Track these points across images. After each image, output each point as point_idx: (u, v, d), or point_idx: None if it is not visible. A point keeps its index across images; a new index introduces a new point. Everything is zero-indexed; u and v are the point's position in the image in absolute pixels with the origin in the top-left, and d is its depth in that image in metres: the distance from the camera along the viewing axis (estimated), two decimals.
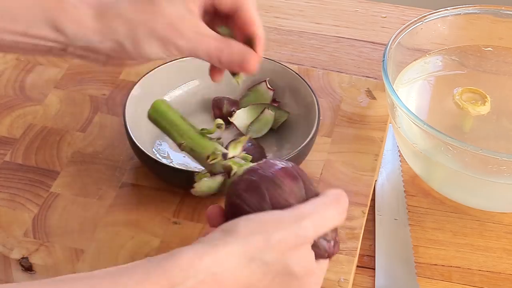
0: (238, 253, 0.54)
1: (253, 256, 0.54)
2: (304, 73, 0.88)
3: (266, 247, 0.54)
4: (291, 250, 0.55)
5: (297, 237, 0.55)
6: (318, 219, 0.56)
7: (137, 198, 0.75)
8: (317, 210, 0.56)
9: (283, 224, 0.55)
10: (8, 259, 0.70)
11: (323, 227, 0.56)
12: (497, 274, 0.74)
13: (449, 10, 0.86)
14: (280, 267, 0.55)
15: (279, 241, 0.54)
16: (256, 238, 0.54)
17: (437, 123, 0.76)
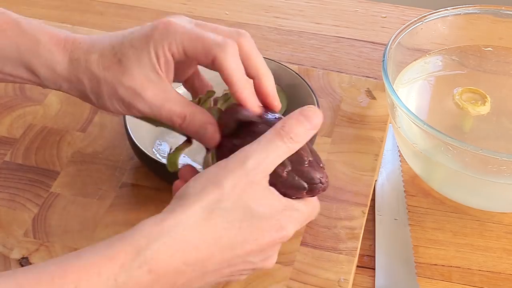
0: (195, 210, 0.55)
1: (211, 208, 0.55)
2: (304, 73, 0.88)
3: (221, 195, 0.55)
4: (246, 192, 0.56)
5: (247, 177, 0.56)
6: (263, 154, 0.57)
7: (137, 198, 0.75)
8: (261, 146, 0.57)
9: (230, 170, 0.56)
10: (8, 259, 0.70)
11: (271, 160, 0.57)
12: (497, 274, 0.74)
13: (449, 10, 0.86)
14: (242, 211, 0.56)
15: (231, 186, 0.55)
16: (208, 190, 0.55)
17: (437, 123, 0.76)
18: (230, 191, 0.55)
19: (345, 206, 0.75)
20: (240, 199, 0.56)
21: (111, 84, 0.63)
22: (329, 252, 0.71)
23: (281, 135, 0.58)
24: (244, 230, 0.56)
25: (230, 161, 0.57)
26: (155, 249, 0.53)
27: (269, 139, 0.58)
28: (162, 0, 1.05)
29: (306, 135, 0.59)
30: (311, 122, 0.59)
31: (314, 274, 0.69)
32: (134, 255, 0.53)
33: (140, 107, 0.62)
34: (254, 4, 1.04)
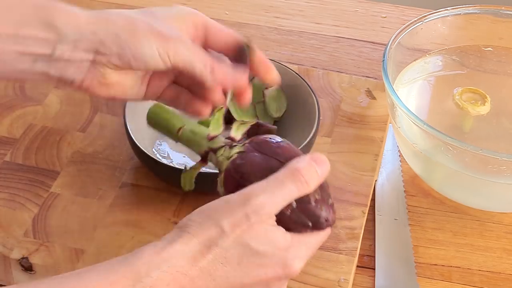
0: (193, 244, 0.55)
1: (209, 244, 0.55)
2: (304, 73, 0.88)
3: (220, 233, 0.55)
4: (246, 232, 0.55)
5: (247, 216, 0.55)
6: (268, 195, 0.56)
7: (137, 198, 0.75)
8: (267, 187, 0.56)
9: (231, 207, 0.56)
10: (8, 259, 0.70)
11: (278, 202, 0.56)
12: (497, 274, 0.74)
13: (449, 10, 0.86)
14: (241, 250, 0.56)
15: (231, 225, 0.55)
16: (207, 226, 0.55)
17: (437, 123, 0.76)
18: (229, 229, 0.55)
19: (345, 206, 0.75)
20: (239, 238, 0.55)
21: (148, 21, 0.61)
22: (329, 252, 0.71)
23: (295, 178, 0.57)
24: (243, 266, 0.56)
25: (234, 198, 0.57)
26: (154, 277, 0.53)
27: (278, 178, 0.57)
28: (162, 0, 1.05)
29: (316, 180, 0.58)
30: (321, 168, 0.59)
31: (314, 274, 0.69)
32: (134, 282, 0.53)
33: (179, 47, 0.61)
34: (254, 4, 1.04)
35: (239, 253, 0.56)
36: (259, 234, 0.56)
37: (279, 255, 0.57)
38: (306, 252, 0.58)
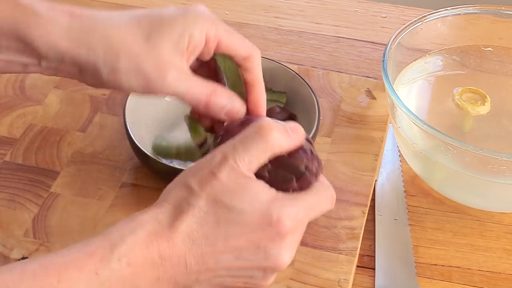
0: (166, 208, 0.54)
1: (181, 206, 0.54)
2: (304, 73, 0.88)
3: (189, 193, 0.54)
4: (217, 187, 0.53)
5: (213, 172, 0.54)
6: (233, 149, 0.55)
7: (137, 198, 0.75)
8: (233, 143, 0.55)
9: (198, 167, 0.55)
10: (8, 259, 0.70)
11: (244, 155, 0.54)
12: (497, 274, 0.74)
13: (449, 10, 0.86)
14: (215, 207, 0.53)
15: (199, 182, 0.54)
16: (177, 189, 0.55)
17: (437, 123, 0.76)
18: (198, 189, 0.54)
19: (345, 206, 0.75)
20: (210, 195, 0.53)
21: (134, 58, 0.59)
22: (329, 252, 0.71)
23: (260, 132, 0.55)
24: (222, 225, 0.53)
25: (202, 159, 0.56)
26: (129, 242, 0.52)
27: (247, 134, 0.56)
28: (162, 0, 1.05)
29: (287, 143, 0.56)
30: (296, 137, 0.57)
31: (314, 274, 0.69)
32: (111, 249, 0.52)
33: (165, 83, 0.59)
34: (254, 4, 1.04)
35: (214, 211, 0.53)
36: (232, 188, 0.53)
37: (261, 210, 0.54)
38: (298, 211, 0.55)
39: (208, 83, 0.62)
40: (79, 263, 0.52)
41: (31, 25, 0.59)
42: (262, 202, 0.54)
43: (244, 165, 0.54)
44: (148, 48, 0.59)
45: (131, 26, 0.60)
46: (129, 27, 0.60)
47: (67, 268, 0.52)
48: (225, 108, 0.62)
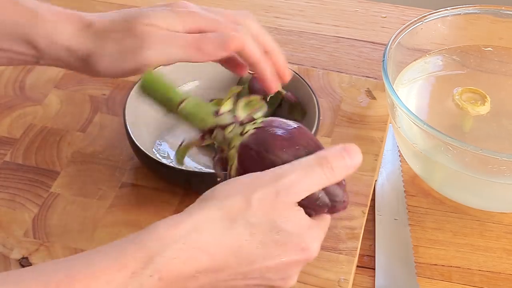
0: (216, 216, 0.52)
1: (234, 218, 0.52)
2: (304, 73, 0.88)
3: (247, 208, 0.53)
4: (274, 208, 0.53)
5: (277, 193, 0.54)
6: (300, 177, 0.55)
7: (137, 198, 0.75)
8: (300, 169, 0.55)
9: (261, 184, 0.54)
10: (8, 259, 0.70)
11: (306, 185, 0.55)
12: (497, 274, 0.74)
13: (449, 10, 0.86)
14: (267, 226, 0.53)
15: (260, 201, 0.53)
16: (234, 199, 0.53)
17: (437, 123, 0.76)
18: (257, 205, 0.53)
19: None
20: (266, 214, 0.53)
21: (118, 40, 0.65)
22: (329, 252, 0.71)
23: (322, 164, 0.56)
24: (267, 245, 0.54)
25: (264, 174, 0.55)
26: (168, 256, 0.50)
27: (309, 164, 0.56)
28: (162, 1, 1.05)
29: (345, 170, 0.57)
30: (352, 160, 0.57)
31: (314, 274, 0.69)
32: (145, 263, 0.50)
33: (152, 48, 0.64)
34: (254, 4, 1.04)
35: (264, 229, 0.53)
36: (286, 212, 0.54)
37: (301, 236, 0.55)
38: (320, 234, 0.57)
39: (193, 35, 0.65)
40: (109, 276, 0.49)
41: (33, 25, 0.65)
42: (303, 228, 0.55)
43: (302, 195, 0.55)
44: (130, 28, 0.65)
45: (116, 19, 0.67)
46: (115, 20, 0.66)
47: (96, 280, 0.49)
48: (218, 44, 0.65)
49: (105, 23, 0.66)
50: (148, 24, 0.64)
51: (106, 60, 0.65)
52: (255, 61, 0.66)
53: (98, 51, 0.65)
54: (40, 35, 0.65)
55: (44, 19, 0.65)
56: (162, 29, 0.64)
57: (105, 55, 0.65)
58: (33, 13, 0.65)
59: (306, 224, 0.56)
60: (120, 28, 0.65)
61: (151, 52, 0.63)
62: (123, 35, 0.64)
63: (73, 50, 0.66)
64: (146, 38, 0.64)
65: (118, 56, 0.64)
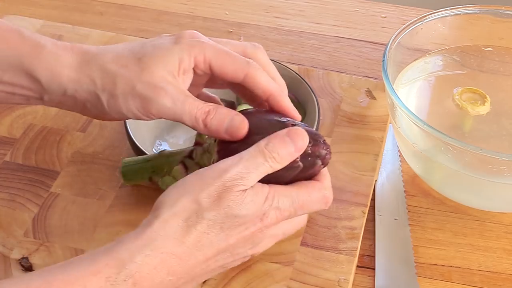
0: (172, 221, 0.55)
1: (189, 217, 0.55)
2: (304, 73, 0.88)
3: (198, 207, 0.55)
4: (225, 200, 0.56)
5: (224, 190, 0.56)
6: (244, 169, 0.57)
7: (137, 198, 0.75)
8: (243, 162, 0.57)
9: (207, 182, 0.56)
10: (8, 259, 0.70)
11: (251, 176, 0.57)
12: (497, 274, 0.74)
13: (449, 10, 0.86)
14: (223, 217, 0.56)
15: (208, 198, 0.55)
16: (184, 202, 0.56)
17: (437, 123, 0.76)
18: (207, 202, 0.56)
19: (345, 206, 0.75)
20: (218, 208, 0.56)
21: (128, 80, 0.61)
22: (329, 252, 0.71)
23: (264, 154, 0.58)
24: (225, 229, 0.56)
25: (208, 172, 0.57)
26: (138, 262, 0.54)
27: (252, 155, 0.58)
28: (162, 0, 1.05)
29: (289, 157, 0.59)
30: (296, 145, 0.59)
31: (314, 274, 0.69)
32: (118, 269, 0.53)
33: (161, 101, 0.60)
34: (254, 4, 1.04)
35: (221, 220, 0.56)
36: (237, 199, 0.56)
37: (258, 210, 0.57)
38: (285, 208, 0.59)
39: (207, 102, 0.62)
40: (84, 281, 0.52)
41: (36, 58, 0.63)
42: (259, 203, 0.57)
43: (251, 182, 0.57)
44: (141, 70, 0.61)
45: (124, 53, 0.63)
46: (122, 54, 0.63)
47: (72, 286, 0.52)
48: (224, 126, 0.62)
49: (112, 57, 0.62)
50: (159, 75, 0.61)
51: (112, 101, 0.62)
52: (270, 93, 0.63)
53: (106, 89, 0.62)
54: (43, 67, 0.63)
55: (46, 50, 0.63)
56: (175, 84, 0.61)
57: (113, 95, 0.62)
58: (36, 45, 0.63)
59: (261, 199, 0.57)
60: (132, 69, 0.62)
61: (160, 107, 0.61)
62: (134, 76, 0.61)
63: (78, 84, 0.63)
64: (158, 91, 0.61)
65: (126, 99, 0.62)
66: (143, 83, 0.61)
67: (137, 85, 0.61)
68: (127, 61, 0.62)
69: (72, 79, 0.63)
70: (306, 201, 0.60)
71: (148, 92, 0.61)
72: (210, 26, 1.00)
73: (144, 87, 0.61)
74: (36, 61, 0.63)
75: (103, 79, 0.62)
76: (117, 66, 0.62)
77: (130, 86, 0.61)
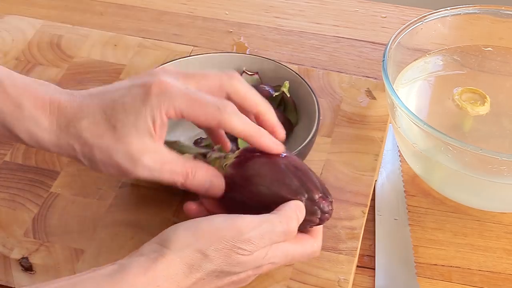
0: (178, 266, 0.57)
1: (192, 264, 0.57)
2: (304, 73, 0.88)
3: (204, 258, 0.57)
4: (230, 259, 0.58)
5: (234, 249, 0.58)
6: (258, 234, 0.58)
7: (137, 198, 0.75)
8: (259, 225, 0.59)
9: (220, 237, 0.58)
10: (8, 259, 0.70)
11: (262, 240, 0.59)
12: (497, 274, 0.74)
13: (449, 10, 0.86)
14: (223, 271, 0.59)
15: (217, 253, 0.57)
16: (191, 250, 0.57)
17: (437, 123, 0.76)
18: (215, 258, 0.58)
19: (345, 206, 0.75)
20: (223, 264, 0.58)
21: (105, 151, 0.62)
22: (329, 252, 0.71)
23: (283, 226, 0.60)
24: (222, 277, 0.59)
25: (223, 225, 0.58)
26: None
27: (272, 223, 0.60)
28: (162, 0, 1.05)
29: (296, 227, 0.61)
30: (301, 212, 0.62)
31: (314, 274, 0.69)
32: None
33: (139, 172, 0.62)
34: (254, 4, 1.04)
35: (220, 270, 0.58)
36: (241, 261, 0.58)
37: (257, 259, 0.60)
38: (280, 258, 0.61)
39: (186, 162, 0.63)
40: None
41: (16, 119, 0.63)
42: (258, 261, 0.60)
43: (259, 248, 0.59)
44: (116, 140, 0.62)
45: (99, 118, 0.62)
46: (96, 120, 0.62)
47: None
48: (204, 187, 0.63)
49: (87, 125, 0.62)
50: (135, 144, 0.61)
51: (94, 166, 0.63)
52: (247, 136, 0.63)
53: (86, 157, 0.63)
54: (23, 130, 0.63)
55: (27, 113, 0.63)
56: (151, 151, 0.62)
57: (93, 162, 0.63)
58: (17, 105, 0.63)
59: (261, 257, 0.60)
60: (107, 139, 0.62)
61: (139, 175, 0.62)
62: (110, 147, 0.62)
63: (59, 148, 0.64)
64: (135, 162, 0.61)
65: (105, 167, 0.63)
66: (120, 155, 0.61)
67: (115, 156, 0.62)
68: (102, 130, 0.62)
69: (53, 143, 0.63)
70: (299, 256, 0.63)
71: (125, 164, 0.62)
72: (210, 26, 1.00)
73: (121, 158, 0.61)
74: (17, 122, 0.63)
75: (82, 148, 0.63)
76: (93, 136, 0.62)
77: (107, 157, 0.62)
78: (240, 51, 0.96)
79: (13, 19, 0.97)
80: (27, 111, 0.63)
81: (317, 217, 0.62)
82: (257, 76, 0.82)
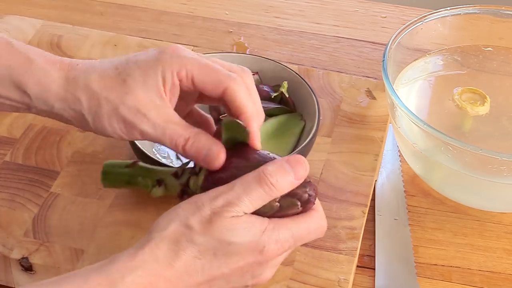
0: (163, 245, 0.56)
1: (179, 241, 0.56)
2: (304, 73, 0.88)
3: (189, 231, 0.56)
4: (218, 225, 0.56)
5: (215, 212, 0.56)
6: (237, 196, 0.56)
7: (137, 198, 0.75)
8: (237, 188, 0.57)
9: (198, 206, 0.57)
10: (8, 259, 0.70)
11: (245, 203, 0.57)
12: (497, 274, 0.74)
13: (449, 10, 0.86)
14: (214, 243, 0.56)
15: (199, 222, 0.56)
16: (174, 226, 0.56)
17: (437, 123, 0.76)
18: (198, 227, 0.56)
19: (345, 206, 0.75)
20: (210, 233, 0.56)
21: (112, 103, 0.61)
22: (329, 252, 0.71)
23: (261, 181, 0.57)
24: (219, 257, 0.56)
25: (200, 197, 0.57)
26: (129, 282, 0.54)
27: (246, 182, 0.57)
28: (162, 0, 1.05)
29: (288, 185, 0.58)
30: (297, 174, 0.58)
31: (314, 274, 0.69)
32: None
33: (143, 127, 0.61)
34: (254, 4, 1.04)
35: (213, 246, 0.56)
36: (231, 226, 0.56)
37: (255, 241, 0.57)
38: (286, 239, 0.58)
39: (189, 127, 0.62)
40: None
41: (25, 72, 0.63)
42: (256, 233, 0.57)
43: (246, 210, 0.57)
44: (125, 93, 0.61)
45: (110, 72, 0.62)
46: (107, 74, 0.62)
47: None
48: (202, 154, 0.61)
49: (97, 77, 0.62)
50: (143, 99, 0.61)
51: (98, 121, 0.63)
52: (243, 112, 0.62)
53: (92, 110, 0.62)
54: (33, 82, 0.63)
55: (37, 65, 0.63)
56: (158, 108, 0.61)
57: (98, 116, 0.62)
58: (27, 58, 0.63)
59: (258, 229, 0.57)
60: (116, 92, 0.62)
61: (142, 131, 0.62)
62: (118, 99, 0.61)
63: (65, 102, 0.63)
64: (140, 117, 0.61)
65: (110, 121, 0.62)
66: (127, 107, 0.61)
67: (121, 108, 0.61)
68: (112, 82, 0.62)
69: (60, 97, 0.63)
70: (305, 232, 0.59)
71: (131, 117, 0.61)
72: (210, 26, 1.00)
73: (127, 111, 0.61)
74: (26, 75, 0.63)
75: (89, 100, 0.62)
76: (102, 88, 0.62)
77: (114, 109, 0.61)
78: (240, 51, 0.96)
79: (13, 19, 0.97)
80: (36, 64, 0.63)
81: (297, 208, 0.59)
82: (257, 76, 0.82)
